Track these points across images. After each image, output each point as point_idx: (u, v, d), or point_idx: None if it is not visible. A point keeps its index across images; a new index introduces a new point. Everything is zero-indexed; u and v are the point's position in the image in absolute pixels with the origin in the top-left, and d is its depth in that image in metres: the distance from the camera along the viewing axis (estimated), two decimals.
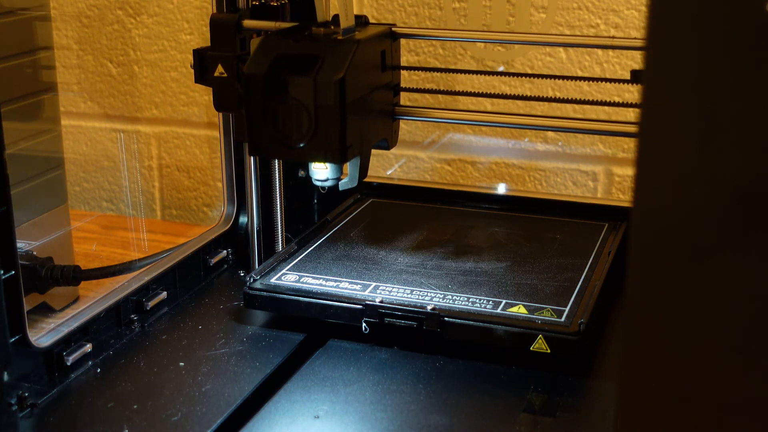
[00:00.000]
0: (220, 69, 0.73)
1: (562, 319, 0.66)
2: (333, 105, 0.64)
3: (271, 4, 0.77)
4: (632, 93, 0.98)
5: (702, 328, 0.31)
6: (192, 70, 0.75)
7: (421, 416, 0.60)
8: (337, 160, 0.67)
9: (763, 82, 0.28)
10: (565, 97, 0.72)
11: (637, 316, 0.32)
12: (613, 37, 0.67)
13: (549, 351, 0.65)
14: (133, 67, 1.15)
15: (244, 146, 0.82)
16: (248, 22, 0.74)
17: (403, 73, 0.77)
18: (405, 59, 1.04)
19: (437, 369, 0.66)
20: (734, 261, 0.30)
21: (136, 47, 1.14)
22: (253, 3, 0.77)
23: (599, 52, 0.97)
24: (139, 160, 1.18)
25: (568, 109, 1.00)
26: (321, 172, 0.70)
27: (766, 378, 0.30)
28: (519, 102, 1.01)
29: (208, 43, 0.75)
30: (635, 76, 0.67)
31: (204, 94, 1.12)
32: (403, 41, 1.03)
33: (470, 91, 0.72)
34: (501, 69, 0.96)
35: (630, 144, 0.97)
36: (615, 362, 0.67)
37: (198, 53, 0.74)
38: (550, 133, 1.01)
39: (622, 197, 1.00)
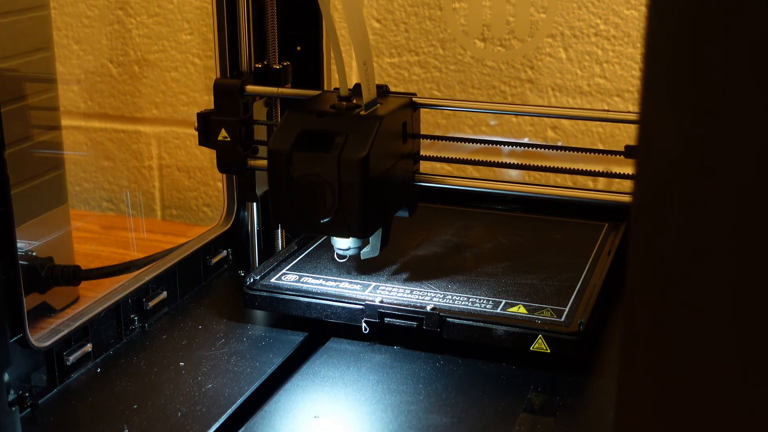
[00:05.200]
0: (223, 133, 0.74)
1: (562, 319, 0.66)
2: (356, 182, 0.64)
3: (274, 67, 0.78)
4: (631, 93, 0.98)
5: (702, 328, 0.31)
6: (192, 71, 0.75)
7: (421, 416, 0.60)
8: (361, 235, 0.68)
9: (763, 81, 0.28)
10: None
11: (637, 315, 0.32)
12: (608, 111, 0.70)
13: (549, 351, 0.65)
14: (133, 67, 1.15)
15: None
16: (251, 88, 0.76)
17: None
18: (405, 59, 1.04)
19: (437, 369, 0.66)
20: (734, 261, 0.30)
21: (136, 47, 1.14)
22: (256, 66, 0.78)
23: (599, 52, 0.97)
24: (139, 160, 1.18)
25: (569, 108, 1.00)
26: (343, 242, 0.71)
27: (765, 379, 0.30)
28: (519, 105, 1.01)
29: (209, 43, 0.75)
30: (629, 152, 0.68)
31: (204, 95, 1.12)
32: (403, 43, 1.03)
33: (486, 160, 0.74)
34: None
35: (630, 144, 0.97)
36: (615, 362, 0.67)
37: (202, 117, 0.75)
38: (550, 133, 1.01)
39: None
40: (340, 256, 0.72)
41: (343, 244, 0.71)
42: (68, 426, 0.61)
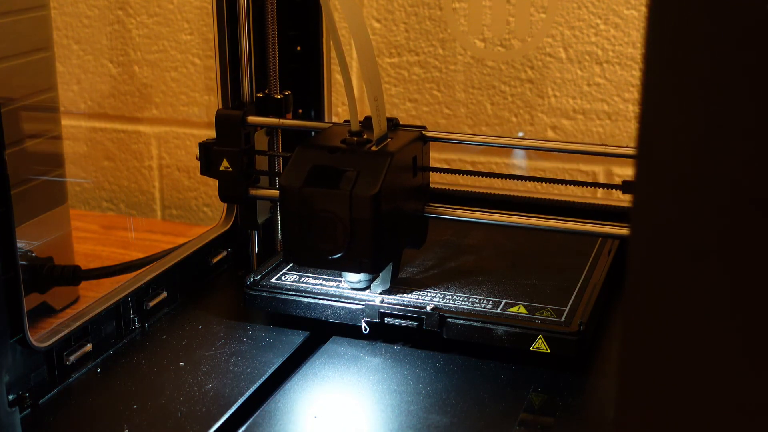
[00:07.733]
0: (225, 164, 0.74)
1: (562, 319, 0.66)
2: (368, 219, 0.64)
3: (275, 96, 0.78)
4: (631, 93, 0.98)
5: (702, 328, 0.31)
6: (192, 71, 0.75)
7: (421, 416, 0.60)
8: (372, 271, 0.68)
9: (763, 82, 0.28)
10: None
11: (637, 315, 0.32)
12: (606, 145, 0.71)
13: (549, 351, 0.65)
14: (133, 67, 1.15)
15: None
16: (252, 118, 0.76)
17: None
18: (405, 59, 1.04)
19: (437, 369, 0.66)
20: (734, 261, 0.30)
21: (136, 47, 1.14)
22: (257, 95, 0.78)
23: (599, 52, 0.97)
24: (139, 160, 1.18)
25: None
26: (354, 275, 0.71)
27: (765, 379, 0.30)
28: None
29: (209, 43, 0.75)
30: (626, 187, 0.69)
31: (204, 94, 1.12)
32: (403, 43, 1.04)
33: (492, 193, 0.75)
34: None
35: (630, 144, 0.97)
36: (615, 362, 0.67)
37: (204, 147, 0.75)
38: (550, 133, 1.01)
39: (622, 197, 1.00)
40: (353, 289, 0.72)
41: (354, 277, 0.71)
42: (68, 426, 0.61)
